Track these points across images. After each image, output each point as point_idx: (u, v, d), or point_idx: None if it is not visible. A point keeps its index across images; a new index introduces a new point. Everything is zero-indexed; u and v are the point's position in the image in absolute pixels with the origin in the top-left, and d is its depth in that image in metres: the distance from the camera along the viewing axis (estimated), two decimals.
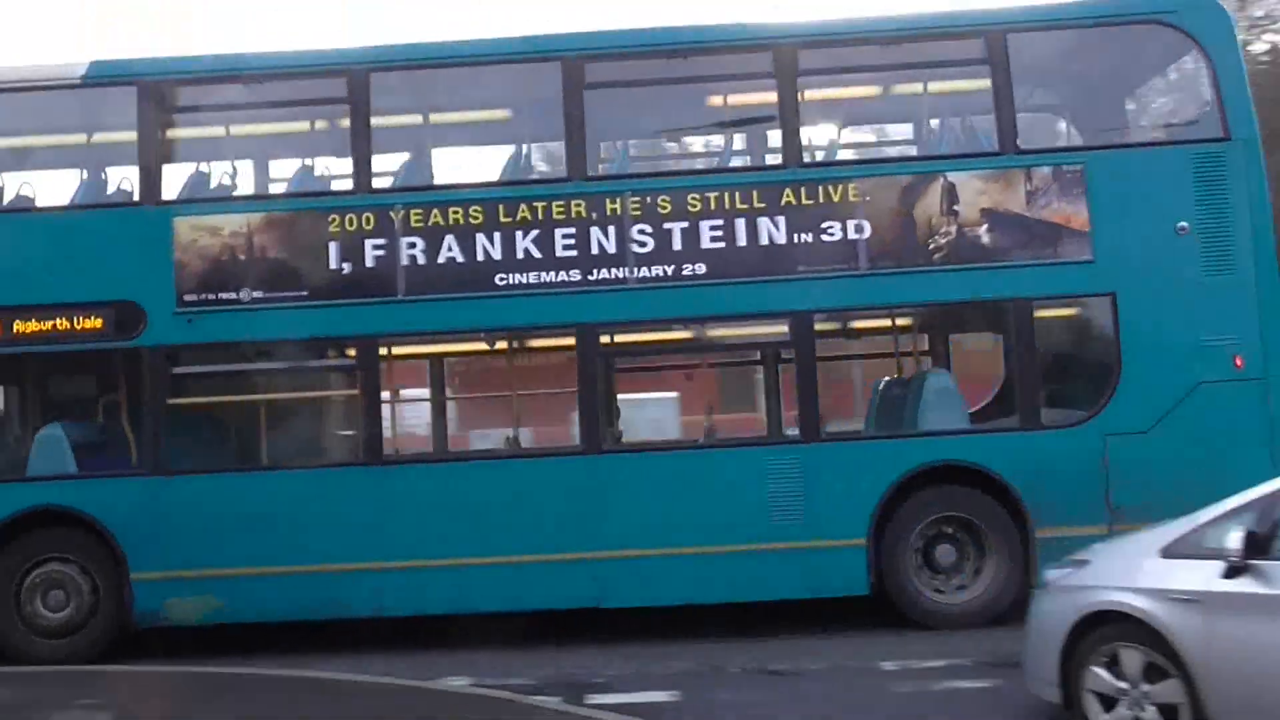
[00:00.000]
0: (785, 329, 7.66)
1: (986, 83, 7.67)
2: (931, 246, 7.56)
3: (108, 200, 8.14)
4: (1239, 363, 7.43)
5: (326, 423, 8.15)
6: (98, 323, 7.78)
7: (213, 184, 8.26)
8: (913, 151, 8.49)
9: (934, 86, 8.12)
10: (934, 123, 8.24)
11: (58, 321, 7.80)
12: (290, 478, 7.74)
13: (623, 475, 7.63)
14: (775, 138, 7.85)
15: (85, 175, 8.42)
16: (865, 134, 8.55)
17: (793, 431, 7.77)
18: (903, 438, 7.80)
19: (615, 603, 7.51)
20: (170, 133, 8.12)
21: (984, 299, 7.70)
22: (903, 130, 8.84)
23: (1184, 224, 7.48)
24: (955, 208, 7.56)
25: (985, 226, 7.56)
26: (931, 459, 7.48)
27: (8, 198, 8.25)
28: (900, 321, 8.39)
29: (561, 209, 7.67)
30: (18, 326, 7.81)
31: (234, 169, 8.32)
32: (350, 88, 7.86)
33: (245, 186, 8.38)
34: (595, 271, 7.63)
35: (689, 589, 7.51)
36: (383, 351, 7.80)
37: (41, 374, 8.41)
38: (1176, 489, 7.15)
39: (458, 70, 8.05)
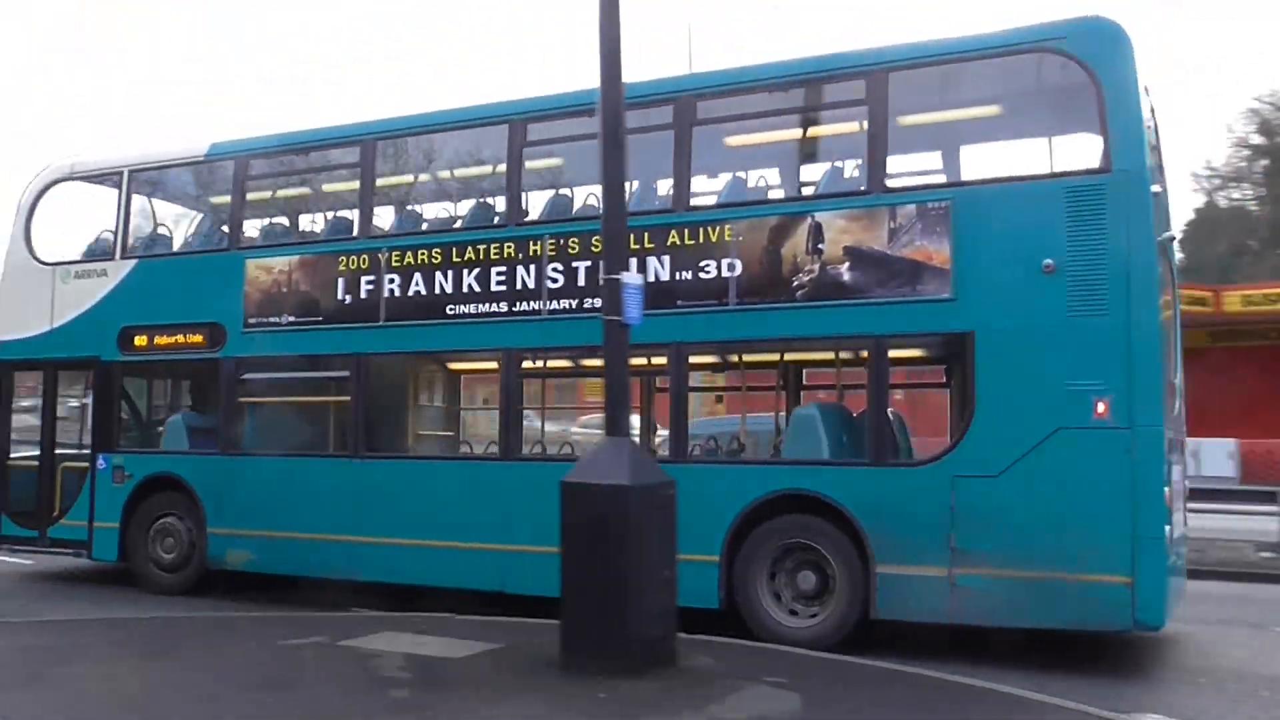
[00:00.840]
0: (664, 359, 8.36)
1: (859, 116, 7.82)
2: (795, 284, 7.88)
3: (207, 247, 10.69)
4: (1102, 409, 6.97)
5: (328, 422, 10.10)
6: (200, 338, 10.36)
7: (269, 233, 10.57)
8: (786, 193, 8.66)
9: (817, 129, 8.31)
10: (811, 164, 8.41)
11: (178, 337, 10.50)
12: (302, 464, 9.81)
13: (525, 481, 8.76)
14: (669, 184, 8.53)
15: (209, 230, 11.06)
16: (753, 177, 8.80)
17: (669, 450, 8.41)
18: (758, 464, 8.17)
19: (515, 590, 8.68)
20: (249, 193, 10.52)
21: (840, 336, 7.85)
22: (783, 172, 8.96)
23: (1049, 261, 7.14)
24: (818, 246, 7.81)
25: (846, 265, 7.72)
26: (780, 487, 7.81)
27: (153, 248, 11.09)
28: (767, 355, 8.65)
29: (497, 251, 8.98)
30: (160, 341, 10.62)
31: (284, 220, 10.57)
32: (361, 155, 9.76)
33: (288, 234, 10.56)
34: (516, 304, 8.86)
35: None
36: (374, 369, 9.60)
37: (169, 374, 11.24)
38: (1026, 537, 7.06)
39: (430, 136, 9.67)
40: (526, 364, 9.09)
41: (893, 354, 7.73)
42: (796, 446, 8.05)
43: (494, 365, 9.03)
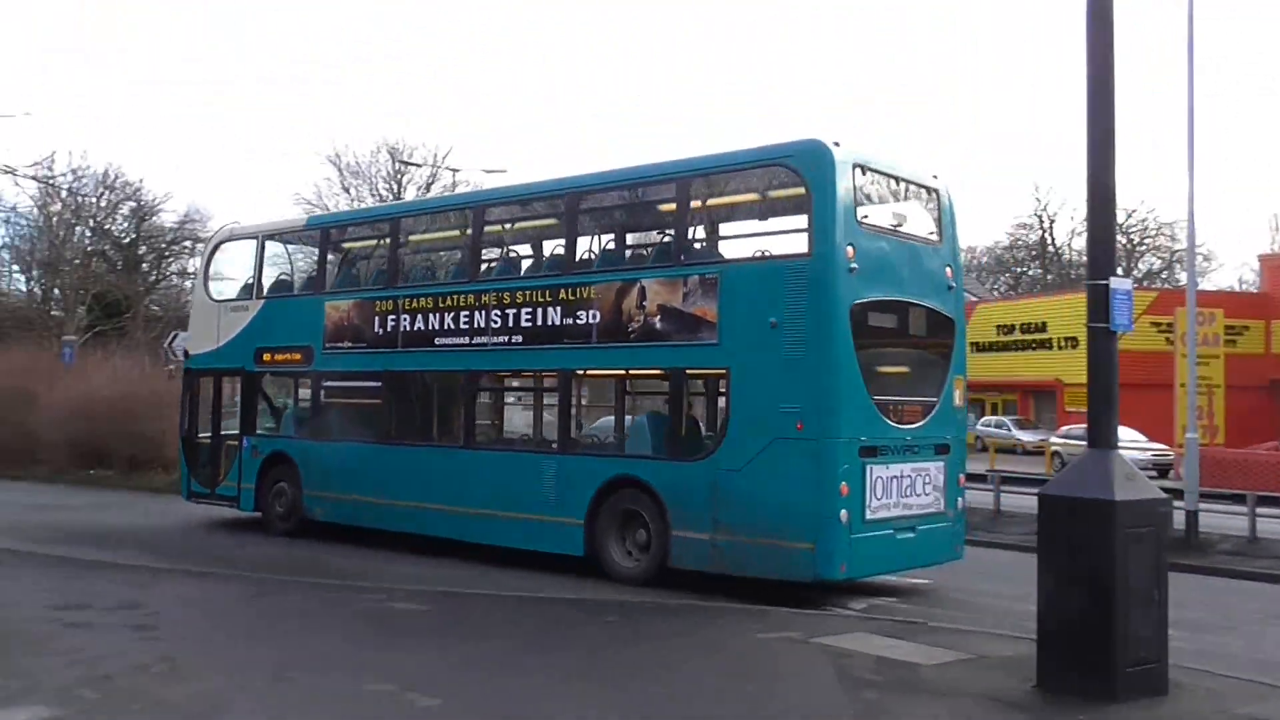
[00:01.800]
0: (555, 380, 11.89)
1: (673, 208, 11.00)
2: (630, 329, 11.17)
3: (304, 292, 15.16)
4: (799, 425, 9.88)
5: (371, 419, 14.25)
6: (299, 356, 14.85)
7: (338, 281, 14.88)
8: (627, 264, 11.81)
9: (646, 217, 11.50)
10: (641, 243, 11.57)
11: (288, 355, 15.05)
12: (354, 447, 14.07)
13: (477, 463, 12.56)
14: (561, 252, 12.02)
15: (306, 280, 15.53)
16: (610, 251, 12.00)
17: (556, 444, 11.94)
18: (609, 456, 11.53)
19: (469, 539, 12.49)
20: (331, 252, 14.88)
21: (654, 367, 11.06)
22: (628, 248, 12.06)
23: (774, 319, 10.06)
24: (643, 303, 11.06)
25: (658, 317, 10.93)
26: (618, 473, 11.18)
27: (276, 291, 15.71)
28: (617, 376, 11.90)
29: (467, 300, 12.77)
30: (277, 358, 15.24)
31: (348, 273, 14.85)
32: (392, 231, 13.88)
33: (348, 285, 14.79)
34: (474, 339, 12.63)
35: (507, 538, 12.18)
36: (396, 381, 13.69)
37: (279, 380, 15.83)
38: (755, 514, 10.20)
39: (419, 218, 13.63)
40: (481, 380, 12.89)
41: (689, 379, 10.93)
42: (632, 443, 11.38)
43: (466, 381, 12.88)
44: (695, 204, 11.01)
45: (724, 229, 11.54)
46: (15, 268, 49.90)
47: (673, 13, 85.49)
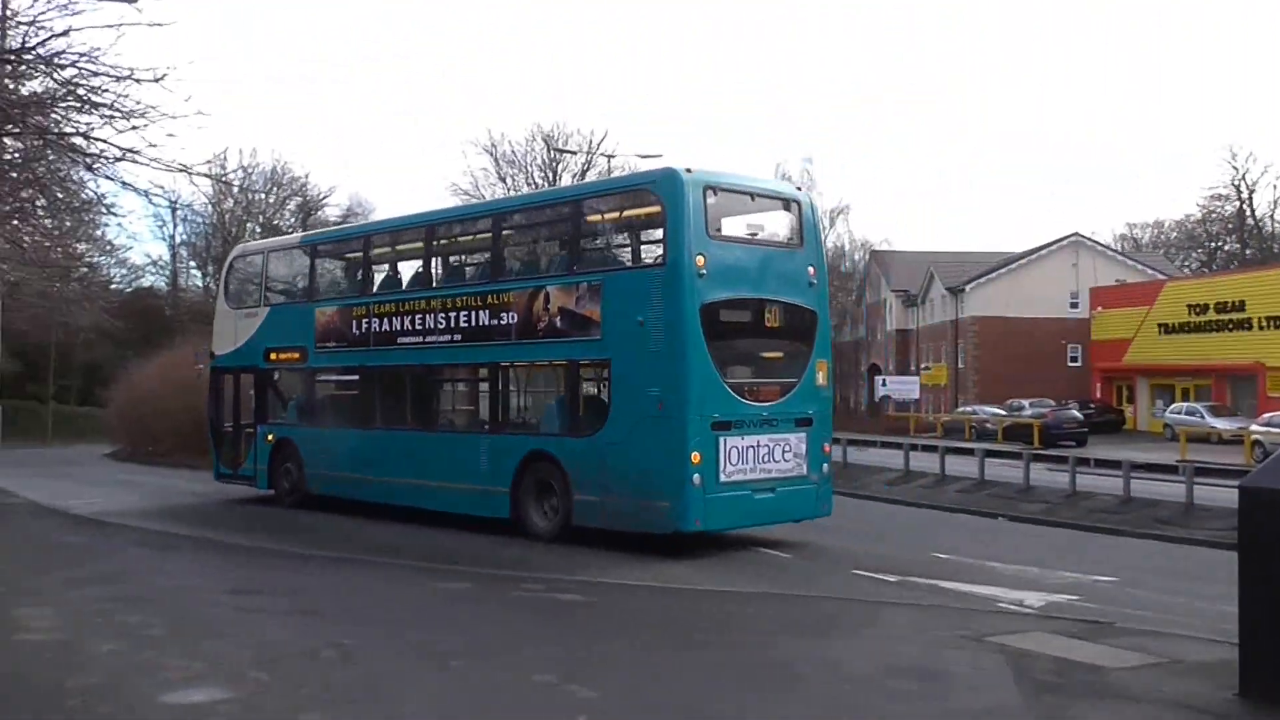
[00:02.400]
0: (486, 371, 14.15)
1: (568, 226, 13.14)
2: (539, 328, 13.34)
3: (300, 300, 17.67)
4: (660, 406, 11.95)
5: (352, 408, 16.67)
6: (297, 355, 17.38)
7: (326, 289, 17.33)
8: (537, 273, 13.94)
9: (549, 232, 13.65)
10: (546, 254, 13.73)
11: (288, 354, 17.60)
12: (341, 432, 16.53)
13: (432, 443, 14.91)
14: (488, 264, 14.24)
15: (301, 289, 18.05)
16: (524, 262, 14.13)
17: (488, 426, 14.21)
18: (526, 434, 13.75)
19: (429, 506, 14.83)
20: (318, 266, 17.36)
21: (556, 360, 13.23)
22: (538, 258, 14.17)
23: (641, 318, 12.13)
24: (547, 306, 13.22)
25: (558, 317, 13.08)
26: (535, 448, 13.39)
27: (278, 299, 18.26)
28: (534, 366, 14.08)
29: (419, 305, 15.09)
30: (280, 357, 17.79)
31: (332, 283, 17.30)
32: (363, 247, 16.28)
33: (332, 293, 17.24)
34: (426, 337, 14.95)
35: (454, 505, 14.49)
36: (370, 375, 16.11)
37: (283, 376, 18.37)
38: (630, 479, 12.37)
39: (383, 235, 15.98)
40: (433, 372, 15.26)
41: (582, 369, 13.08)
42: (544, 424, 13.58)
43: (421, 373, 15.26)
44: (585, 221, 13.14)
45: (606, 243, 13.60)
46: (192, 264, 53.69)
47: (680, 13, 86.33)
